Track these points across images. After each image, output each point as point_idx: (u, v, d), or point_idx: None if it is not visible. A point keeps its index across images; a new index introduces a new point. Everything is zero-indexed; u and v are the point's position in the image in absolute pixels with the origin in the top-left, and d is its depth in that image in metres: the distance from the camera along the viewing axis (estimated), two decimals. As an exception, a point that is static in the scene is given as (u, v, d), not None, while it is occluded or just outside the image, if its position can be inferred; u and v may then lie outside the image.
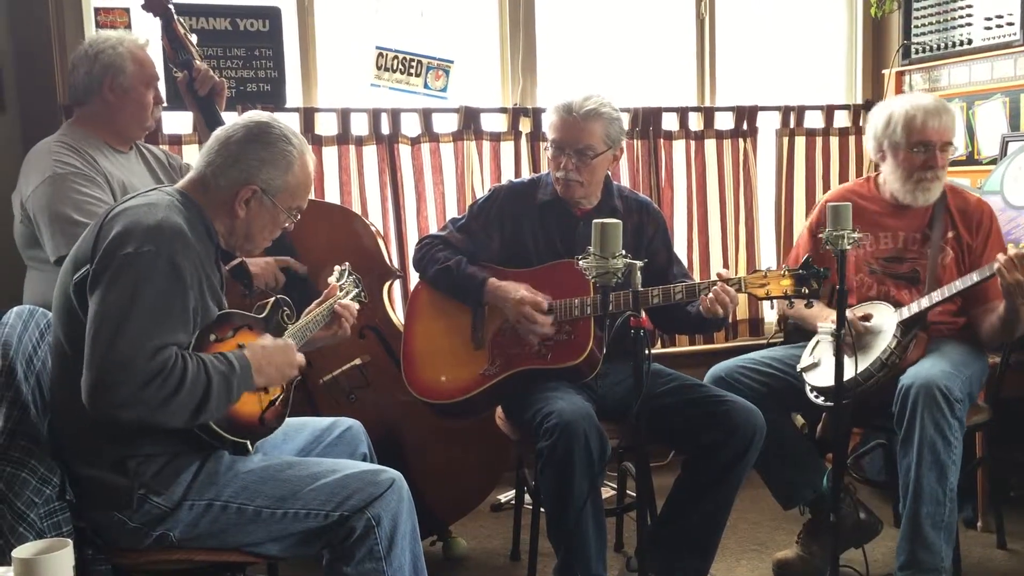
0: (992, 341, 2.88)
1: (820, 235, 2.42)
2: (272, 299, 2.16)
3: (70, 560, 1.48)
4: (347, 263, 2.46)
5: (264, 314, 2.12)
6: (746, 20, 4.18)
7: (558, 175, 2.72)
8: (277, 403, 2.09)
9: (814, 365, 2.82)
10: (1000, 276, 2.60)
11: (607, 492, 3.39)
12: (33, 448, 1.95)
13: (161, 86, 2.78)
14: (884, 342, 2.73)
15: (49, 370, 2.05)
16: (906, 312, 2.77)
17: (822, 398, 2.76)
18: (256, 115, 2.10)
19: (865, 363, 2.71)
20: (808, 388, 2.81)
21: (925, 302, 2.76)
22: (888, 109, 2.94)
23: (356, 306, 2.34)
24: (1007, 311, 2.72)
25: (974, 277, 2.68)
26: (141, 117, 2.70)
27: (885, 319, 2.80)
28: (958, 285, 2.70)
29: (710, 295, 2.53)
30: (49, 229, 2.47)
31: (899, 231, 2.98)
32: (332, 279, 2.38)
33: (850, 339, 2.63)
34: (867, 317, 2.82)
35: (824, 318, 2.84)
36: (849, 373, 2.52)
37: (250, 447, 2.03)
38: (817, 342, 2.86)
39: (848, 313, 2.78)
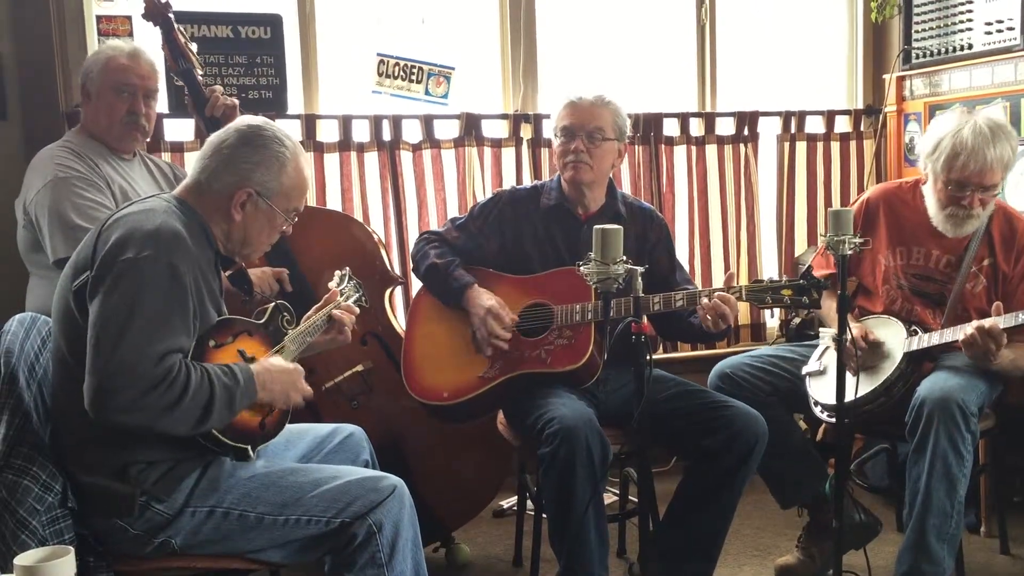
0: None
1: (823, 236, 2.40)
2: (272, 305, 2.17)
3: (72, 568, 1.48)
4: (347, 268, 2.46)
5: (264, 319, 2.13)
6: (746, 25, 4.18)
7: (567, 159, 2.73)
8: (277, 409, 2.09)
9: (819, 372, 2.81)
10: (964, 347, 2.59)
11: (609, 498, 3.39)
12: (35, 455, 1.95)
13: (163, 96, 2.78)
14: (887, 371, 2.70)
15: (51, 377, 2.06)
16: (915, 343, 2.71)
17: (825, 413, 2.75)
18: (248, 119, 2.10)
19: (867, 387, 2.68)
20: (811, 399, 2.80)
21: (936, 337, 2.69)
22: (939, 133, 2.77)
23: (356, 309, 2.34)
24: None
25: (967, 330, 2.60)
26: (109, 123, 2.68)
27: (894, 344, 2.75)
28: (966, 329, 2.61)
29: (705, 302, 2.52)
30: (49, 231, 2.48)
31: (933, 249, 2.86)
32: (332, 284, 2.38)
33: (853, 357, 2.60)
34: (876, 342, 2.76)
35: (836, 322, 2.79)
36: (851, 390, 2.49)
37: (251, 452, 2.03)
38: (826, 347, 2.84)
39: (857, 328, 2.77)
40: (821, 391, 2.77)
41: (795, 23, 4.29)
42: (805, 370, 2.85)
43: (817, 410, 2.78)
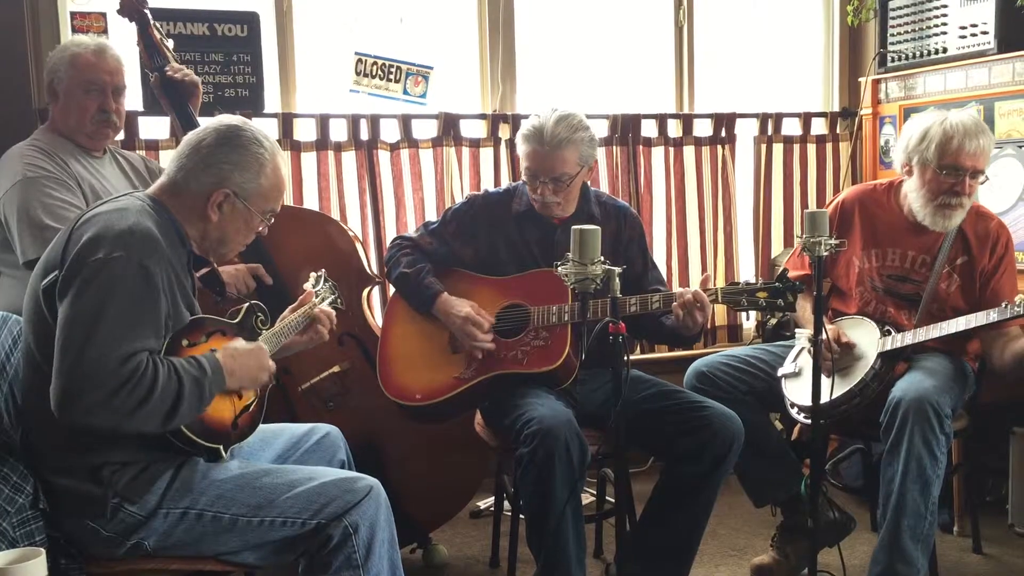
0: (1005, 372, 2.75)
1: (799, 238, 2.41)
2: (246, 305, 2.15)
3: (43, 569, 1.47)
4: (323, 269, 2.46)
5: (238, 319, 2.11)
6: (724, 27, 4.21)
7: (535, 197, 2.73)
8: (251, 408, 2.08)
9: (795, 374, 2.83)
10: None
11: (586, 498, 3.39)
12: (6, 457, 1.93)
13: (136, 93, 2.74)
14: (862, 371, 2.71)
15: (21, 378, 2.03)
16: (888, 343, 2.72)
17: (801, 415, 2.77)
18: (227, 119, 2.08)
19: (842, 388, 2.69)
20: (787, 400, 2.81)
21: (909, 337, 2.70)
22: (925, 123, 2.78)
23: (333, 313, 2.34)
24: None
25: (961, 323, 2.62)
26: (79, 122, 2.64)
27: (867, 344, 2.76)
28: (944, 327, 2.64)
29: (678, 291, 2.53)
30: (19, 232, 2.45)
31: (908, 250, 2.87)
32: (307, 285, 2.38)
33: (828, 358, 2.61)
34: (848, 344, 2.78)
35: (811, 323, 2.81)
36: (826, 391, 2.50)
37: (223, 453, 2.01)
38: (801, 348, 2.85)
39: (831, 330, 2.78)
40: (796, 392, 2.78)
41: (772, 26, 4.32)
42: (780, 372, 2.86)
43: (793, 411, 2.79)
